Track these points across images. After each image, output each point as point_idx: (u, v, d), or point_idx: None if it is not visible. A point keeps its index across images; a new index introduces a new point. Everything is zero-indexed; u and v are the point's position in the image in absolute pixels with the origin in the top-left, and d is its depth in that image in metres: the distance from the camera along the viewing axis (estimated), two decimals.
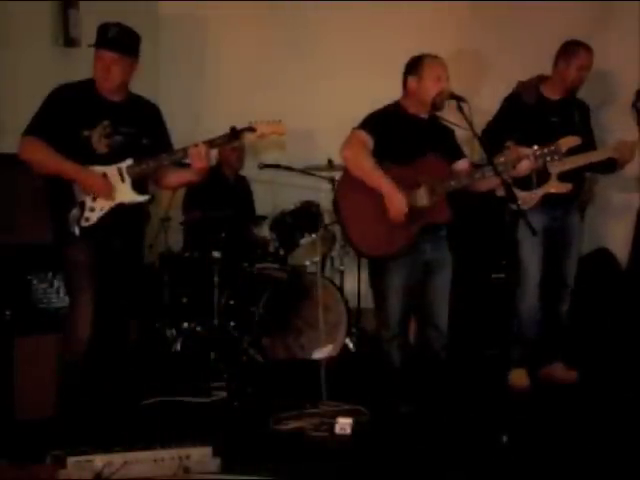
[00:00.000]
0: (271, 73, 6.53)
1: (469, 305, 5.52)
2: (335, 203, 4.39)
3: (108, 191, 3.96)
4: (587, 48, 4.98)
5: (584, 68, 4.97)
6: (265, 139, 4.22)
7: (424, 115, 4.35)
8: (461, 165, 4.38)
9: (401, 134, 4.27)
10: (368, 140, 4.26)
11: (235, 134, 4.07)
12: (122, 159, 4.00)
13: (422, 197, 4.21)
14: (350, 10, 6.34)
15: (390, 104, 4.40)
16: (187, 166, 4.08)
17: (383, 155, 4.23)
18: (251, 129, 4.08)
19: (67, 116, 3.96)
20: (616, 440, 4.12)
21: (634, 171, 5.48)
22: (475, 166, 4.41)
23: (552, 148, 4.19)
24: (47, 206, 4.03)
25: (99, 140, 3.98)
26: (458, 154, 4.43)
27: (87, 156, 3.96)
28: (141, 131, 4.07)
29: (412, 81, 4.32)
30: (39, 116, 3.99)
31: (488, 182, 4.27)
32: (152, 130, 4.13)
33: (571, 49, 4.97)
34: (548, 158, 4.21)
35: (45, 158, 3.95)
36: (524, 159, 4.21)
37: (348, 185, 4.33)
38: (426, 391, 4.35)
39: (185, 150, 4.01)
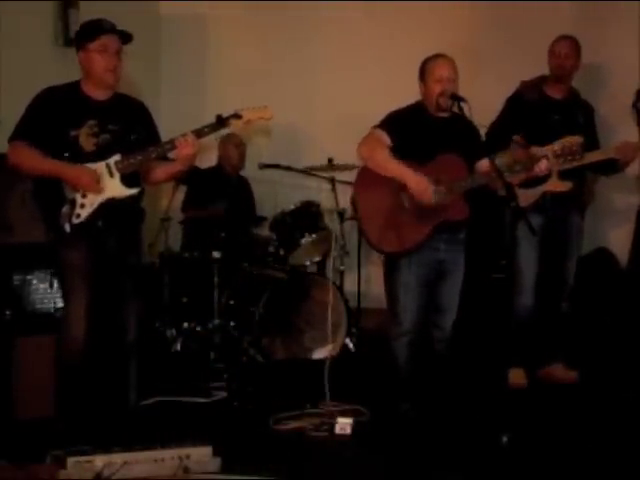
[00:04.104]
0: (271, 73, 6.54)
1: (469, 305, 5.51)
2: (353, 201, 4.41)
3: (93, 180, 3.92)
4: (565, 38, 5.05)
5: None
6: (252, 125, 4.22)
7: (444, 115, 4.33)
8: (482, 165, 4.34)
9: (420, 133, 4.26)
10: (386, 139, 4.25)
11: (221, 122, 4.06)
12: (110, 156, 3.98)
13: (439, 195, 4.21)
14: (349, 10, 6.35)
15: (412, 103, 4.38)
16: (173, 161, 4.08)
17: (401, 154, 4.23)
18: (237, 116, 4.07)
19: (53, 117, 3.95)
20: (616, 440, 4.13)
21: (634, 171, 5.48)
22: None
23: (573, 148, 4.20)
24: (37, 206, 4.01)
25: (86, 139, 3.97)
26: (480, 153, 4.35)
27: (75, 155, 3.94)
28: (128, 127, 4.06)
29: (420, 86, 4.34)
30: (24, 120, 3.98)
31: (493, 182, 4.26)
32: (139, 126, 4.11)
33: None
34: (569, 157, 4.22)
35: (31, 162, 3.94)
36: (543, 159, 4.22)
37: (364, 183, 4.34)
38: (426, 390, 4.35)
39: (172, 142, 4.00)
